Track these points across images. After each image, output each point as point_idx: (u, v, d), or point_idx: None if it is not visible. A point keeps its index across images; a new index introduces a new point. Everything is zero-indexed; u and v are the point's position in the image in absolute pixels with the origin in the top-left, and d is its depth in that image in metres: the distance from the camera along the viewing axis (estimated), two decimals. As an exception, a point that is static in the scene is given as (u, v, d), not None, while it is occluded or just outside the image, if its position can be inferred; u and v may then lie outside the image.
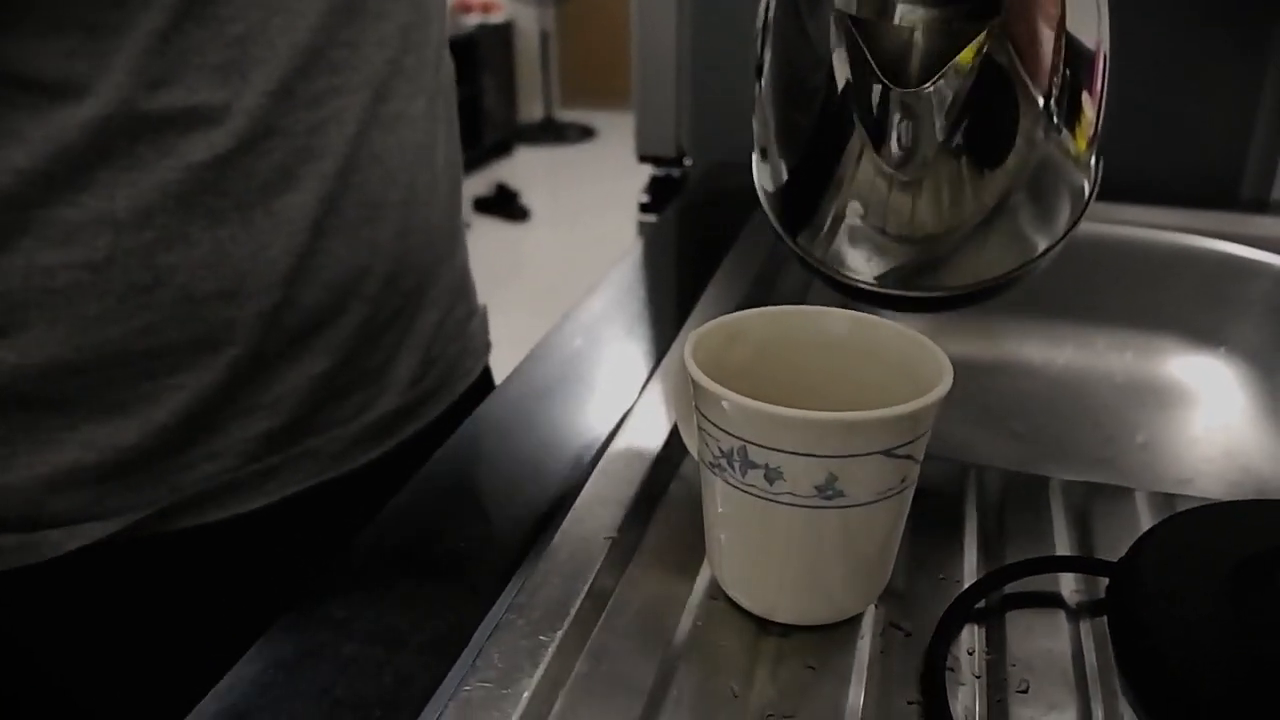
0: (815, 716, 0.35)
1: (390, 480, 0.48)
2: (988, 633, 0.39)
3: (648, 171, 1.03)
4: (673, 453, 0.49)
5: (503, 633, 0.37)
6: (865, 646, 0.38)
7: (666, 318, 0.67)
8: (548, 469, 0.49)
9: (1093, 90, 0.38)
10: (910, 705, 0.36)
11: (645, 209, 1.01)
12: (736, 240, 0.77)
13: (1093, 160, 0.40)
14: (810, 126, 0.39)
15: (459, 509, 0.47)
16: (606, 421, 0.52)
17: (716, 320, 0.41)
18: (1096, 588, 0.41)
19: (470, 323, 0.67)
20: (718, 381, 0.36)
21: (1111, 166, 0.44)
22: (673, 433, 0.50)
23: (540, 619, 0.38)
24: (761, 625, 0.39)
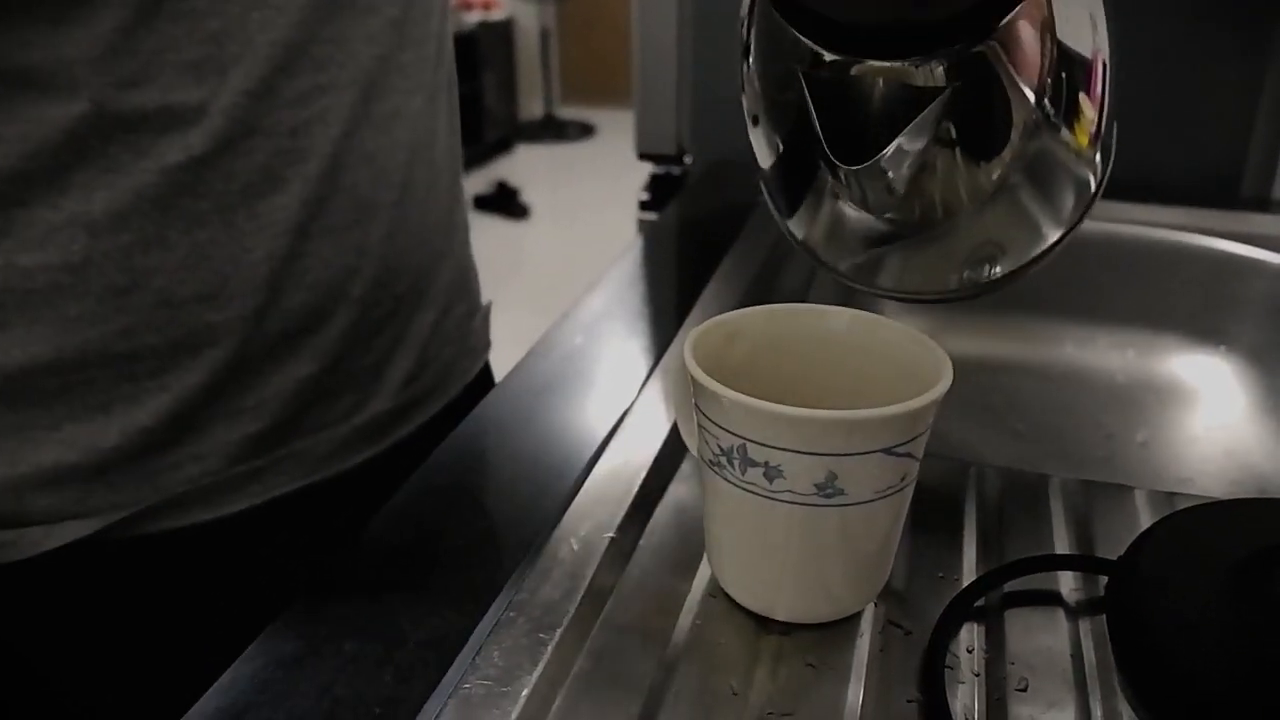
0: (815, 714, 0.35)
1: (382, 481, 0.48)
2: (987, 631, 0.39)
3: (648, 169, 1.03)
4: (672, 451, 0.49)
5: (502, 631, 0.37)
6: (865, 644, 0.38)
7: (666, 316, 0.67)
8: (547, 467, 0.49)
9: (1090, 89, 0.38)
10: (909, 703, 0.36)
11: (645, 207, 1.01)
12: (737, 238, 0.77)
13: (1097, 157, 0.40)
14: (793, 107, 0.38)
15: (459, 507, 0.47)
16: (606, 420, 0.52)
17: (716, 318, 0.41)
18: (1096, 586, 0.41)
19: (471, 321, 0.66)
20: (717, 379, 0.36)
21: (1112, 165, 0.44)
22: (672, 431, 0.50)
23: (540, 617, 0.38)
24: (761, 623, 0.39)
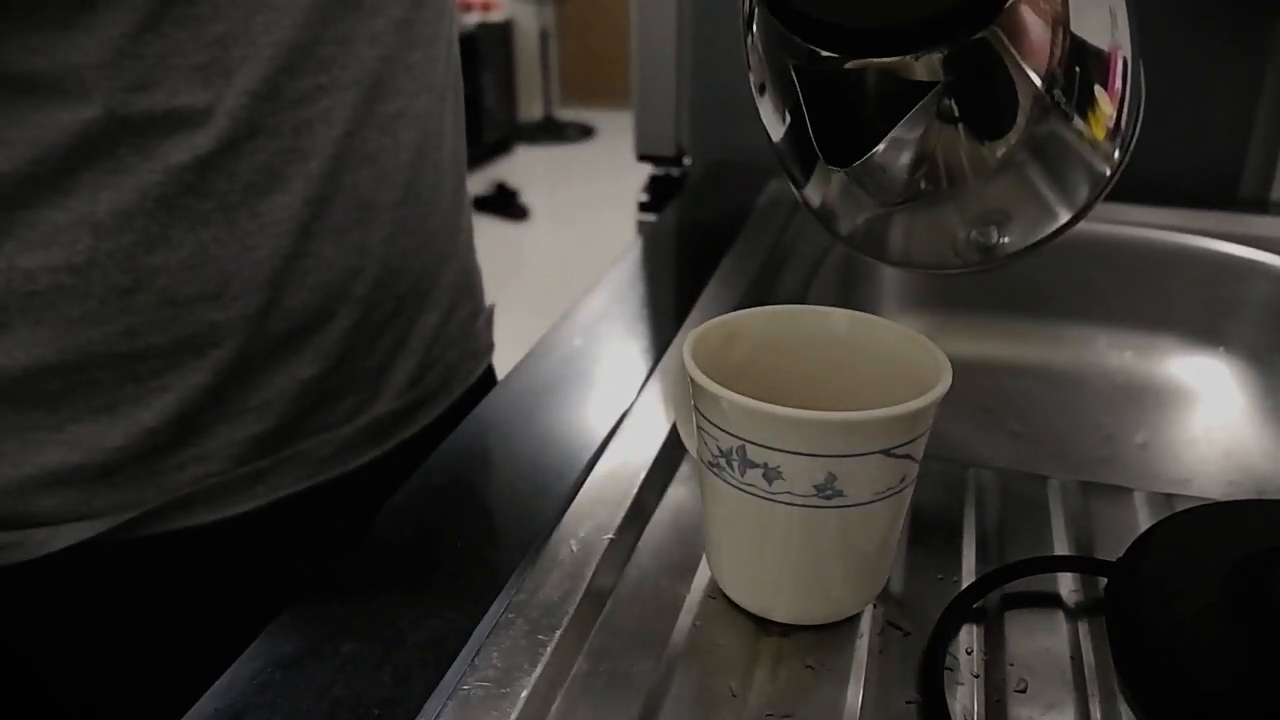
0: (814, 716, 0.35)
1: (385, 483, 0.48)
2: (986, 632, 0.39)
3: (647, 170, 1.03)
4: (671, 452, 0.49)
5: (502, 632, 0.37)
6: (864, 646, 0.38)
7: (666, 317, 0.67)
8: (547, 468, 0.49)
9: (1109, 84, 0.38)
10: (909, 704, 0.36)
11: (644, 208, 1.00)
12: (736, 239, 0.77)
13: (1116, 152, 0.40)
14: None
15: (458, 508, 0.47)
16: (605, 421, 0.52)
17: (715, 319, 0.41)
18: (1095, 587, 0.41)
19: (475, 323, 0.66)
20: (717, 381, 0.36)
21: (1128, 159, 0.44)
22: (672, 432, 0.50)
23: (539, 618, 0.38)
24: (760, 625, 0.39)
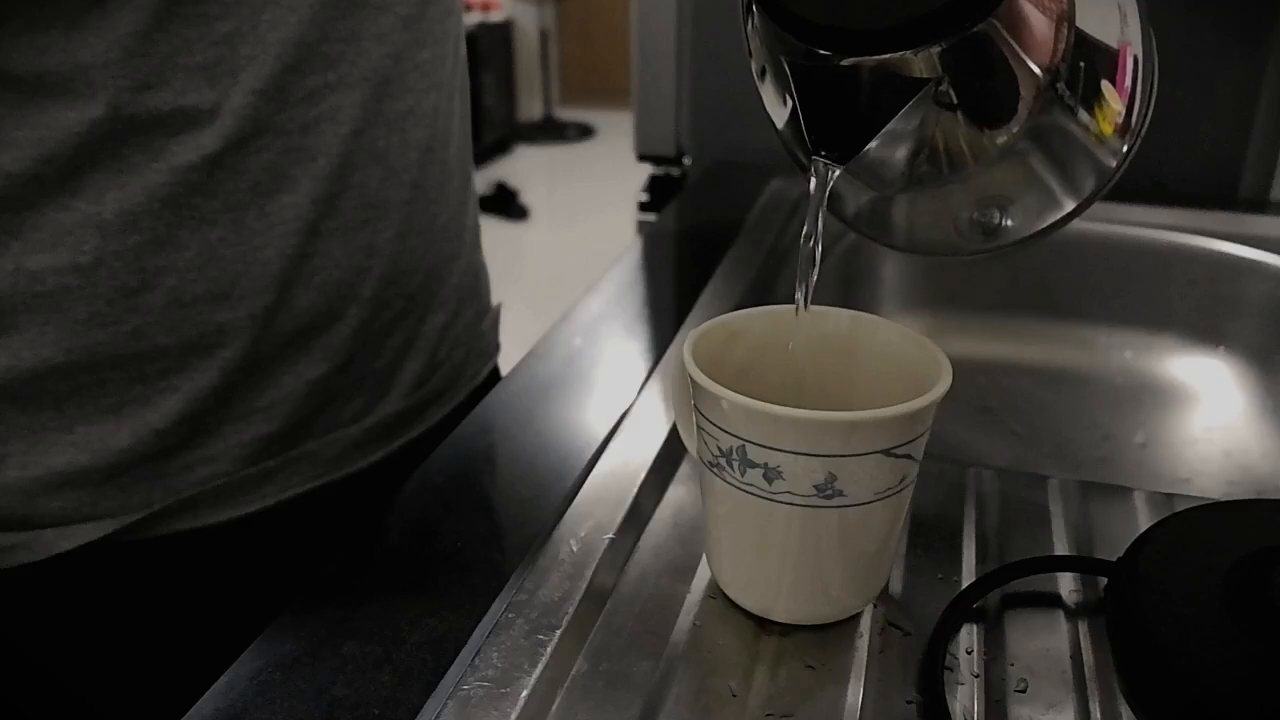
0: (814, 716, 0.35)
1: (391, 483, 0.48)
2: (986, 632, 0.39)
3: (647, 170, 1.03)
4: (671, 452, 0.49)
5: (502, 632, 0.37)
6: (864, 646, 0.38)
7: (666, 317, 0.67)
8: (547, 468, 0.49)
9: (1118, 80, 0.38)
10: (909, 704, 0.36)
11: (644, 208, 1.01)
12: (736, 239, 0.77)
13: (1124, 148, 0.40)
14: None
15: (458, 508, 0.47)
16: (605, 421, 0.52)
17: (715, 319, 0.41)
18: (1095, 587, 0.41)
19: (481, 323, 0.66)
20: (717, 381, 0.36)
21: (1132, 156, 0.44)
22: (672, 432, 0.50)
23: (539, 618, 0.38)
24: (760, 624, 0.39)
